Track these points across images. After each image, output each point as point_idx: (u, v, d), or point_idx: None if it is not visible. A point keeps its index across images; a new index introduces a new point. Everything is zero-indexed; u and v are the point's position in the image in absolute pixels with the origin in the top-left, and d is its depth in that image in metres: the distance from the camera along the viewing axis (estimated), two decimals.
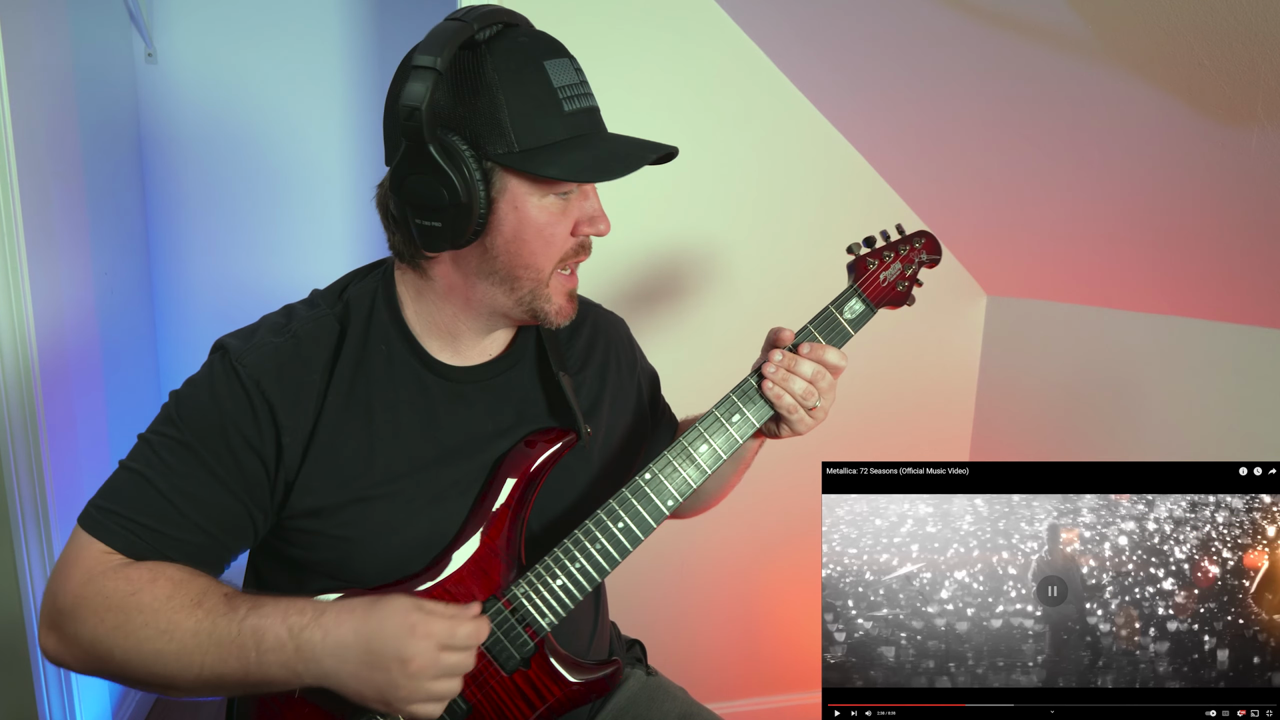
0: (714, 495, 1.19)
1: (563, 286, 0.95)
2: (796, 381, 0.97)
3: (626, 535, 0.96)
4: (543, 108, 0.86)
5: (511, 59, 0.85)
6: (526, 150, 0.85)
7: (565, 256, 0.93)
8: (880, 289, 1.03)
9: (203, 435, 0.88)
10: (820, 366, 0.98)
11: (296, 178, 2.45)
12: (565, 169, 0.85)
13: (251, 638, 0.81)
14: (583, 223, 0.92)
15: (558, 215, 0.91)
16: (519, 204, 0.88)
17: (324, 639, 0.81)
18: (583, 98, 0.90)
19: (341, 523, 0.92)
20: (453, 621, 0.84)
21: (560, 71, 0.88)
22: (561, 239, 0.92)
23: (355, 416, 0.93)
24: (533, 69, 0.86)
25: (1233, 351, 1.50)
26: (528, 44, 0.87)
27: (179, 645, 0.82)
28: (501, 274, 0.92)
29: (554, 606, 0.94)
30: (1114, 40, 1.15)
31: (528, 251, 0.90)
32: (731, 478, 1.15)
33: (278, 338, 0.93)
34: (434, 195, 0.85)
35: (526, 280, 0.92)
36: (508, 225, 0.89)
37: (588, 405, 1.06)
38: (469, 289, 0.94)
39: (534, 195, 0.88)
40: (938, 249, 1.07)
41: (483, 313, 0.96)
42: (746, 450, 1.08)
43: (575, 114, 0.88)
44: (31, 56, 1.68)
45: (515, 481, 0.95)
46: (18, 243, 1.59)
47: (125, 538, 0.86)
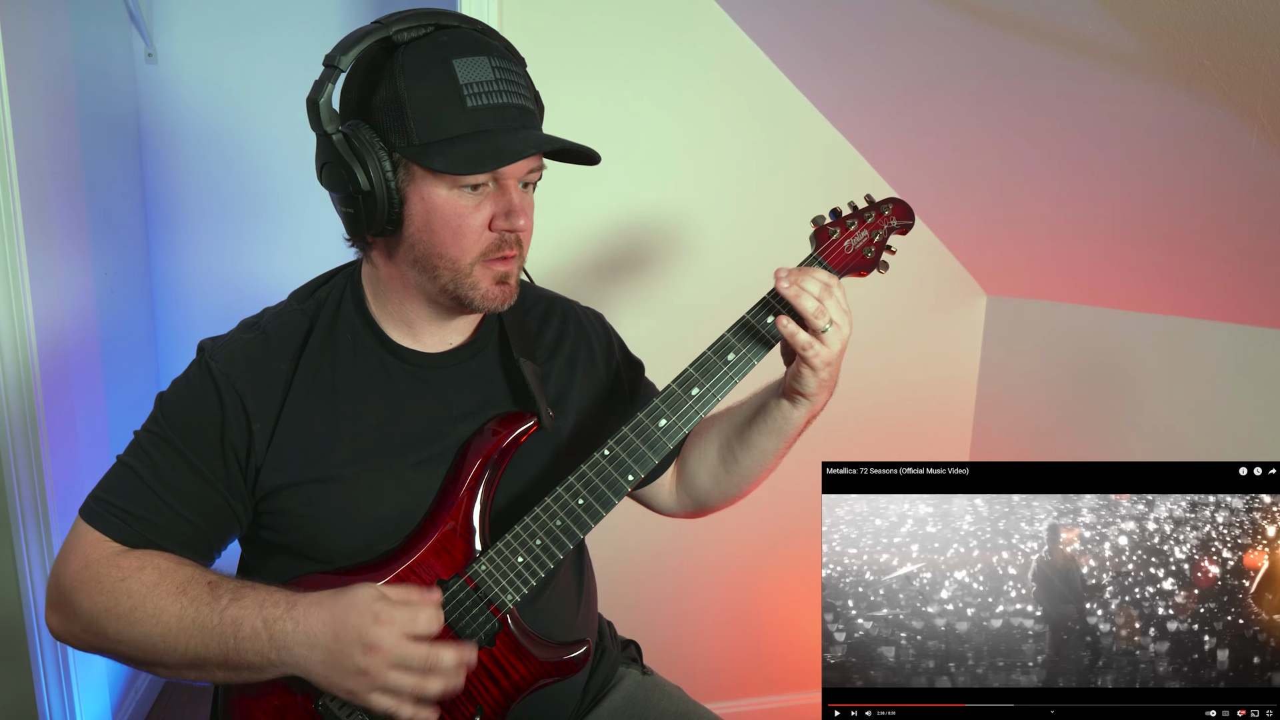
0: (752, 475, 1.11)
1: (489, 273, 0.94)
2: (807, 299, 0.93)
3: (587, 511, 0.96)
4: (444, 102, 0.88)
5: (421, 56, 0.88)
6: (424, 144, 0.88)
7: (486, 251, 0.93)
8: (845, 256, 1.01)
9: (182, 431, 0.95)
10: (824, 285, 0.94)
11: (296, 177, 2.45)
12: (448, 162, 0.88)
13: (231, 627, 0.87)
14: (498, 217, 0.93)
15: (469, 209, 0.91)
16: (426, 195, 0.91)
17: (294, 629, 0.86)
18: (493, 95, 0.89)
19: (308, 501, 0.96)
20: (413, 608, 0.87)
21: (471, 69, 0.89)
22: (473, 232, 0.92)
23: (320, 399, 0.98)
24: (440, 66, 0.88)
25: (1233, 351, 1.50)
26: (445, 42, 0.90)
27: (164, 629, 0.88)
28: (421, 263, 0.94)
29: (517, 584, 0.96)
30: (1114, 40, 1.15)
31: (439, 242, 0.92)
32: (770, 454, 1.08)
33: (248, 334, 1.00)
34: (341, 184, 0.90)
35: (444, 270, 0.94)
36: (418, 215, 0.92)
37: (556, 394, 1.07)
38: (402, 277, 0.98)
39: (440, 187, 0.91)
40: (909, 214, 1.05)
41: (421, 299, 0.99)
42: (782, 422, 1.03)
43: (478, 110, 0.88)
44: (31, 56, 1.68)
45: (479, 464, 0.98)
46: (18, 243, 1.59)
47: (117, 526, 0.93)
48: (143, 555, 0.92)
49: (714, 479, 1.14)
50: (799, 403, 1.00)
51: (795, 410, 1.02)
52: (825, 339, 0.93)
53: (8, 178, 1.57)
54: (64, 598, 0.92)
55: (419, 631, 0.87)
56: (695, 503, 1.19)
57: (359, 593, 0.87)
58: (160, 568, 0.91)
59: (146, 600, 0.88)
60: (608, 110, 1.83)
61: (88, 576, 0.90)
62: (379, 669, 0.85)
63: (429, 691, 0.87)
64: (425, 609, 0.88)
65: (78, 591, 0.90)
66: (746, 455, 1.09)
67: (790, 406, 1.01)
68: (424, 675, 0.87)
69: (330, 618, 0.86)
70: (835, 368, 0.97)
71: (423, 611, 0.88)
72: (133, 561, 0.91)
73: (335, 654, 0.85)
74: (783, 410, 1.02)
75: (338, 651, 0.85)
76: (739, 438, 1.09)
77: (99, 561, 0.91)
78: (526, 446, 1.01)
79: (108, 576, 0.90)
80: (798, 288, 0.93)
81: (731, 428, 1.11)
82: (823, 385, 0.97)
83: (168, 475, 0.94)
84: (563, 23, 1.78)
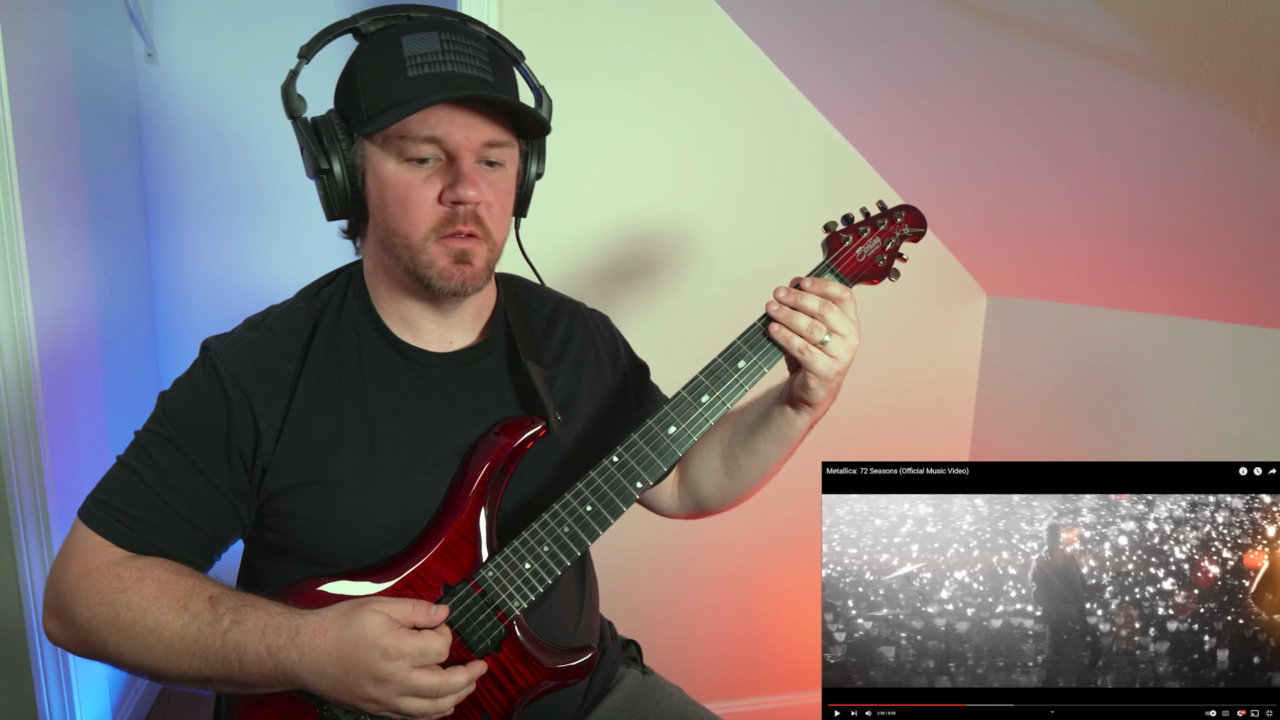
0: (755, 480, 1.12)
1: (445, 250, 0.93)
2: (800, 317, 0.94)
3: (595, 518, 0.96)
4: (389, 76, 0.90)
5: (376, 40, 0.92)
6: (368, 116, 0.90)
7: (438, 226, 0.92)
8: (857, 264, 1.01)
9: (185, 431, 0.93)
10: (825, 299, 0.95)
11: (296, 177, 2.43)
12: (373, 121, 0.89)
13: (234, 651, 0.86)
14: (446, 189, 0.91)
15: (417, 181, 0.91)
16: (377, 170, 0.93)
17: (300, 659, 0.85)
18: (437, 64, 0.89)
19: (313, 504, 0.95)
20: (422, 641, 0.87)
21: (418, 43, 0.90)
22: (422, 205, 0.91)
23: (326, 398, 0.97)
24: (389, 45, 0.91)
25: (1233, 351, 1.50)
26: (401, 26, 0.92)
27: (166, 645, 0.87)
28: (385, 244, 0.96)
29: (524, 590, 0.95)
30: (1114, 41, 1.15)
31: (391, 218, 0.93)
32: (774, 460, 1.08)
33: (253, 333, 0.99)
34: (310, 166, 0.94)
35: (400, 247, 0.94)
36: (374, 193, 0.94)
37: (564, 397, 1.07)
38: (380, 263, 0.99)
39: (389, 161, 0.92)
40: (921, 222, 1.05)
41: (403, 289, 0.99)
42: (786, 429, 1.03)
43: (419, 79, 0.89)
44: (31, 56, 1.68)
45: (486, 468, 0.97)
46: (18, 243, 1.59)
47: (117, 529, 0.91)
48: (143, 565, 0.90)
49: (716, 483, 1.14)
50: (803, 410, 1.01)
51: (799, 417, 1.02)
52: (830, 350, 0.94)
53: (8, 177, 1.57)
54: (63, 605, 0.90)
55: (429, 663, 0.87)
56: (696, 505, 1.19)
57: (366, 623, 0.85)
58: (161, 579, 0.89)
59: (147, 615, 0.87)
60: (607, 110, 1.83)
61: (87, 585, 0.89)
62: (390, 697, 0.86)
63: (442, 709, 0.88)
64: (435, 641, 0.87)
65: (77, 600, 0.89)
66: (749, 460, 1.09)
67: (794, 413, 1.02)
68: (436, 699, 0.87)
69: (337, 650, 0.85)
70: (843, 376, 0.98)
71: (432, 644, 0.87)
72: (133, 572, 0.89)
73: (344, 684, 0.85)
74: (786, 417, 1.03)
75: (347, 682, 0.85)
76: (742, 443, 1.09)
77: (99, 569, 0.89)
78: (533, 450, 1.01)
79: (108, 587, 0.88)
80: (787, 310, 0.95)
81: (734, 433, 1.10)
82: (830, 394, 0.98)
83: (170, 476, 0.92)
84: (563, 23, 1.78)
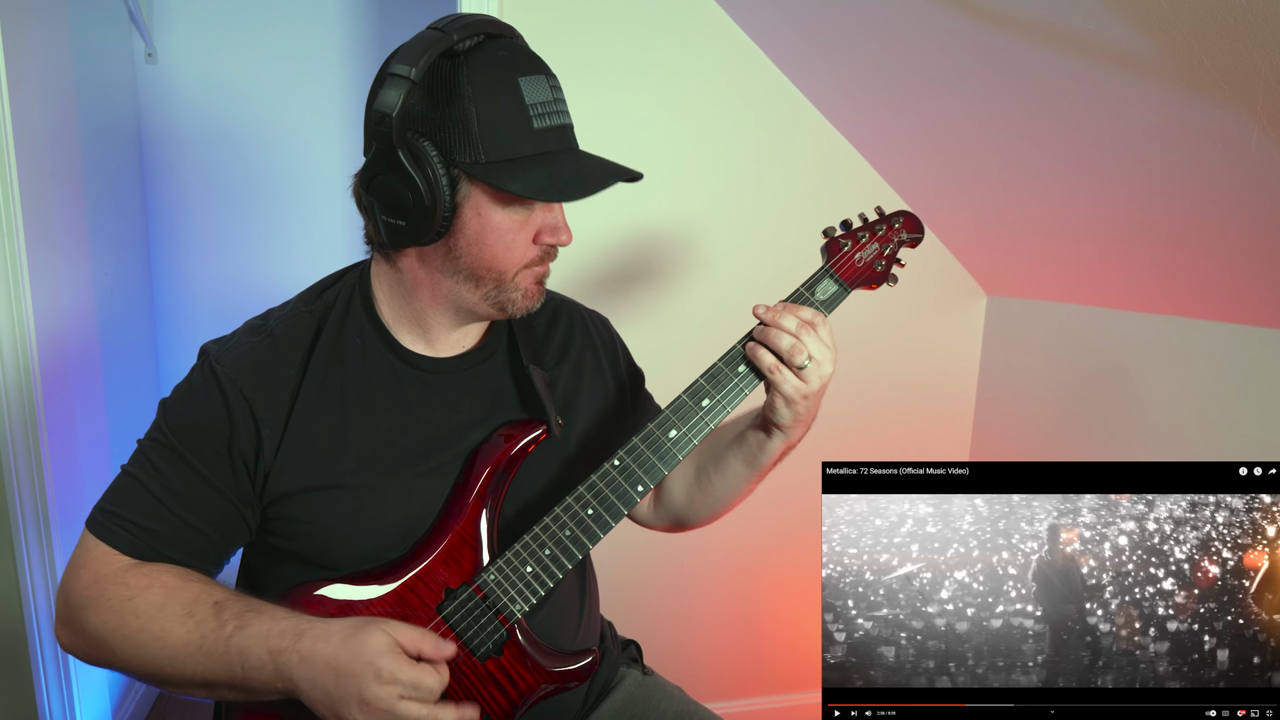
0: (724, 499, 1.11)
1: (531, 276, 0.97)
2: (783, 337, 0.94)
3: (596, 522, 0.96)
4: (513, 122, 0.88)
5: (488, 72, 0.88)
6: (493, 163, 0.88)
7: (531, 262, 0.96)
8: (855, 269, 1.02)
9: (187, 439, 0.93)
10: (803, 322, 0.95)
11: (296, 177, 2.45)
12: (526, 186, 0.88)
13: (238, 656, 0.86)
14: (545, 232, 0.95)
15: (520, 224, 0.93)
16: (483, 211, 0.91)
17: (299, 664, 0.85)
18: (554, 115, 0.91)
19: (317, 508, 0.95)
20: (419, 672, 0.85)
21: (534, 88, 0.90)
22: (523, 246, 0.94)
23: (329, 404, 0.97)
24: (507, 83, 0.88)
25: (1233, 351, 1.50)
26: (506, 58, 0.89)
27: (172, 652, 0.88)
28: (465, 273, 0.95)
29: (525, 594, 0.96)
30: (1114, 40, 1.15)
31: (489, 255, 0.93)
32: (743, 481, 1.08)
33: (254, 337, 0.98)
34: (399, 196, 0.88)
35: (490, 281, 0.95)
36: (471, 229, 0.92)
37: (564, 399, 1.07)
38: (434, 284, 0.97)
39: (498, 205, 0.91)
40: (919, 228, 1.06)
41: (449, 307, 0.99)
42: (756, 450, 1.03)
43: (544, 131, 0.90)
44: (31, 56, 1.68)
45: (488, 471, 0.98)
46: (18, 243, 1.59)
47: (125, 538, 0.92)
48: (150, 572, 0.91)
49: (688, 497, 1.14)
50: (774, 434, 1.00)
51: (770, 441, 1.01)
52: (804, 375, 0.94)
53: (8, 178, 1.57)
54: (73, 613, 0.91)
55: (420, 698, 0.85)
56: (671, 518, 1.18)
57: (369, 640, 0.85)
58: (167, 586, 0.90)
59: (154, 622, 0.88)
60: (608, 111, 1.83)
61: (96, 593, 0.90)
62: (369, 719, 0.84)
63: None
64: (430, 677, 0.85)
65: (87, 609, 0.90)
66: (719, 478, 1.09)
67: (765, 437, 1.01)
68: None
69: (335, 660, 0.84)
70: (813, 403, 0.97)
71: (427, 679, 0.85)
72: (140, 579, 0.90)
73: (333, 698, 0.84)
74: (759, 438, 1.02)
75: (336, 696, 0.84)
76: (715, 459, 1.09)
77: (108, 577, 0.90)
78: (534, 453, 1.01)
79: (116, 595, 0.89)
80: (762, 327, 0.95)
81: (710, 448, 1.10)
82: (798, 419, 0.97)
83: (174, 484, 0.93)
84: (563, 23, 1.78)
